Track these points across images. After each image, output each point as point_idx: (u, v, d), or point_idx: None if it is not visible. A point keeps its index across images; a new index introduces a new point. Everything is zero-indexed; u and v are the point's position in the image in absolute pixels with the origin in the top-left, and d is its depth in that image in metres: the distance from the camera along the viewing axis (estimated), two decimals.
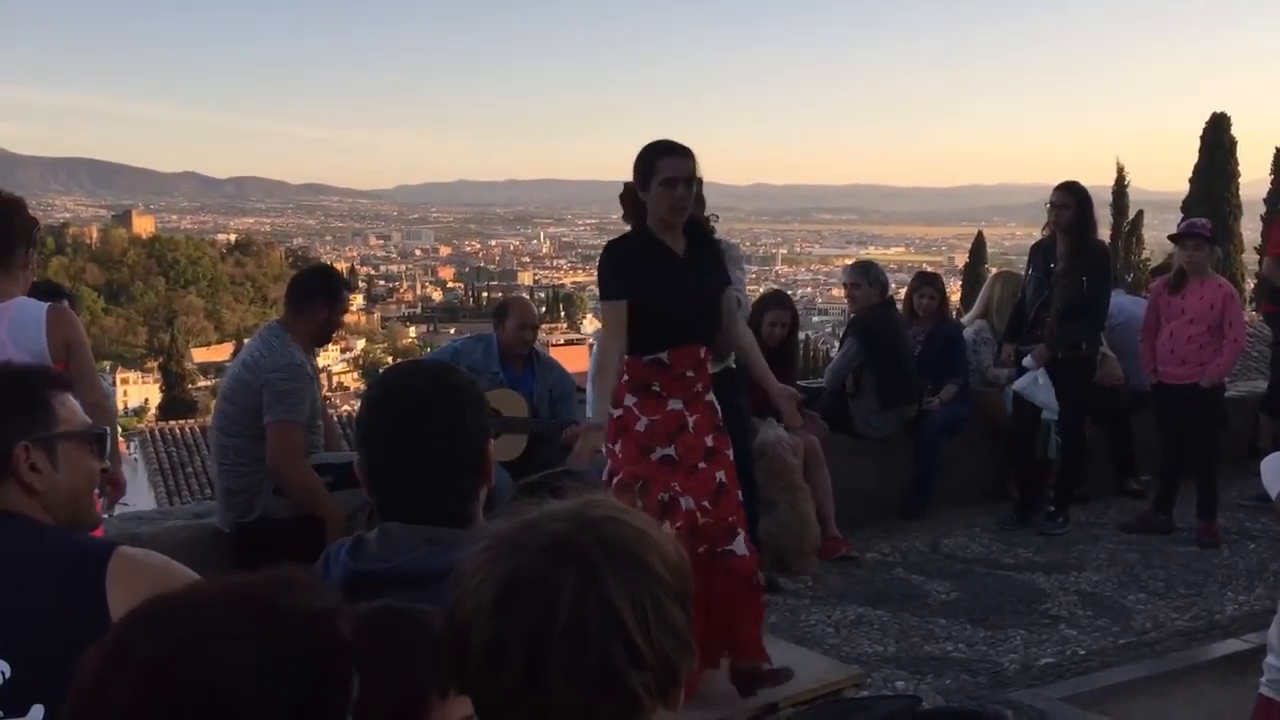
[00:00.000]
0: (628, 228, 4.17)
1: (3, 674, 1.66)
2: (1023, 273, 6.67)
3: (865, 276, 6.55)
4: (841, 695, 4.03)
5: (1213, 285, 6.14)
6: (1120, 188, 35.65)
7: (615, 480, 3.98)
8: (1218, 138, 31.15)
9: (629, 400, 4.02)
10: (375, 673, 1.01)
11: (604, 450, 4.10)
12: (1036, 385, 6.14)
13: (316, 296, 4.46)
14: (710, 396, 4.11)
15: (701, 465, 3.99)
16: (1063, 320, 6.06)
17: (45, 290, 4.61)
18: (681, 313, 3.98)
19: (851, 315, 6.77)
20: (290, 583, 0.99)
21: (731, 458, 4.12)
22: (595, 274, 4.29)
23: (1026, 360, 6.11)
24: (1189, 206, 30.62)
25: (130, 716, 0.89)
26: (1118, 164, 36.05)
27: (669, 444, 3.97)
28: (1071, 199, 6.06)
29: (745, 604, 3.99)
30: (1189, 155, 31.59)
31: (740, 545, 3.97)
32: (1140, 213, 35.59)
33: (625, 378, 4.06)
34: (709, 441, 4.03)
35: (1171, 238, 6.41)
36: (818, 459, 5.89)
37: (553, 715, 1.02)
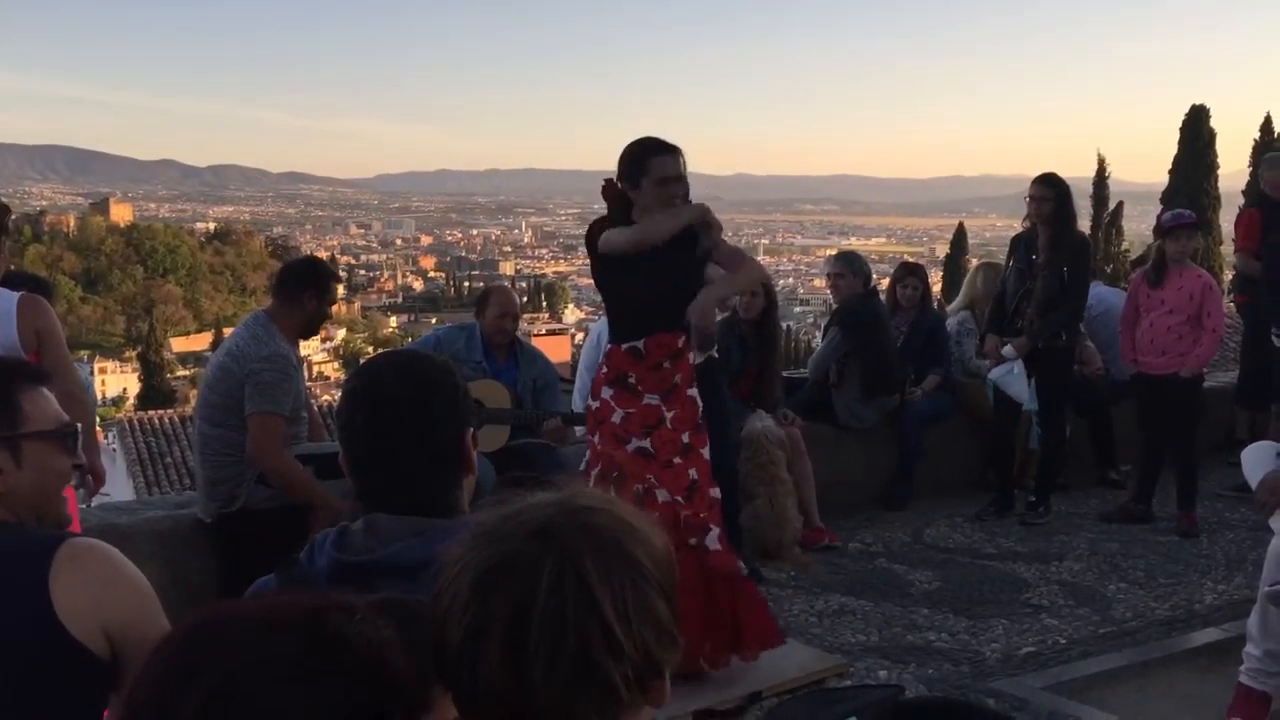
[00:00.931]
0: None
1: None
2: (1002, 262, 6.70)
3: (849, 267, 6.57)
4: (825, 685, 4.04)
5: (1192, 276, 6.17)
6: (1101, 179, 35.82)
7: (595, 472, 3.99)
8: (1197, 130, 31.28)
9: (605, 393, 4.04)
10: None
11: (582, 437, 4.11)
12: (1012, 375, 6.17)
13: (305, 287, 4.41)
14: (692, 391, 4.11)
15: (677, 460, 4.01)
16: (1044, 311, 6.08)
17: (24, 283, 4.56)
18: (657, 300, 3.99)
19: (835, 306, 6.78)
20: (348, 610, 1.02)
21: (706, 456, 4.12)
22: (577, 264, 4.34)
23: (1006, 350, 6.14)
24: (1168, 198, 30.73)
25: None
26: (1098, 156, 36.24)
27: (645, 437, 3.99)
28: (1051, 192, 6.08)
29: (746, 596, 4.04)
30: (1169, 147, 31.74)
31: (713, 540, 3.99)
32: (1120, 204, 35.77)
33: (604, 369, 4.08)
34: (685, 438, 4.04)
35: (1160, 231, 6.30)
36: (799, 449, 5.90)
37: (532, 705, 1.00)
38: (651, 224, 3.90)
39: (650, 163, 3.93)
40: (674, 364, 4.04)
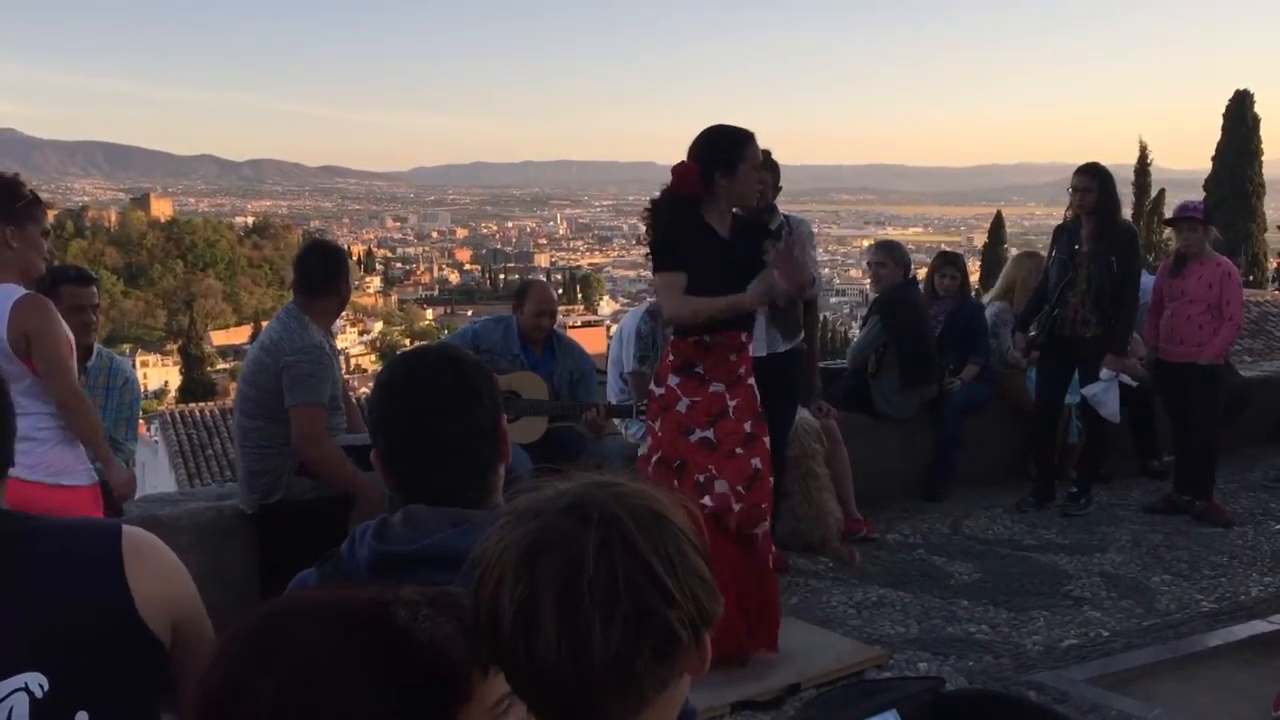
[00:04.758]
0: (642, 208, 4.23)
1: (41, 686, 1.53)
2: (1044, 252, 6.64)
3: (891, 256, 6.53)
4: (864, 676, 4.03)
5: (1211, 265, 6.19)
6: (1143, 166, 35.25)
7: (655, 459, 4.02)
8: (1241, 115, 30.78)
9: (672, 380, 4.08)
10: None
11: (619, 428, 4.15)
12: (1109, 394, 6.04)
13: (326, 279, 4.42)
14: (752, 381, 4.16)
15: (739, 450, 4.04)
16: (1088, 302, 6.01)
17: (73, 275, 4.61)
18: (721, 290, 4.00)
19: (874, 295, 6.74)
20: (411, 605, 1.06)
21: (768, 445, 4.17)
22: (612, 256, 4.38)
23: (1104, 373, 6.02)
24: (1211, 185, 30.29)
25: (272, 716, 0.96)
26: (1140, 142, 35.65)
27: (709, 426, 4.03)
28: (1093, 182, 6.03)
29: (770, 590, 4.09)
30: (1212, 133, 31.26)
31: (760, 531, 4.07)
32: (1162, 191, 35.23)
33: (669, 358, 4.11)
34: (748, 427, 4.08)
35: (1165, 222, 6.52)
36: (835, 439, 5.87)
37: (592, 667, 1.02)
38: (708, 309, 3.94)
39: (748, 149, 4.00)
40: (739, 357, 4.11)
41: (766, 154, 5.10)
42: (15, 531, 1.62)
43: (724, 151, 3.97)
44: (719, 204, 4.02)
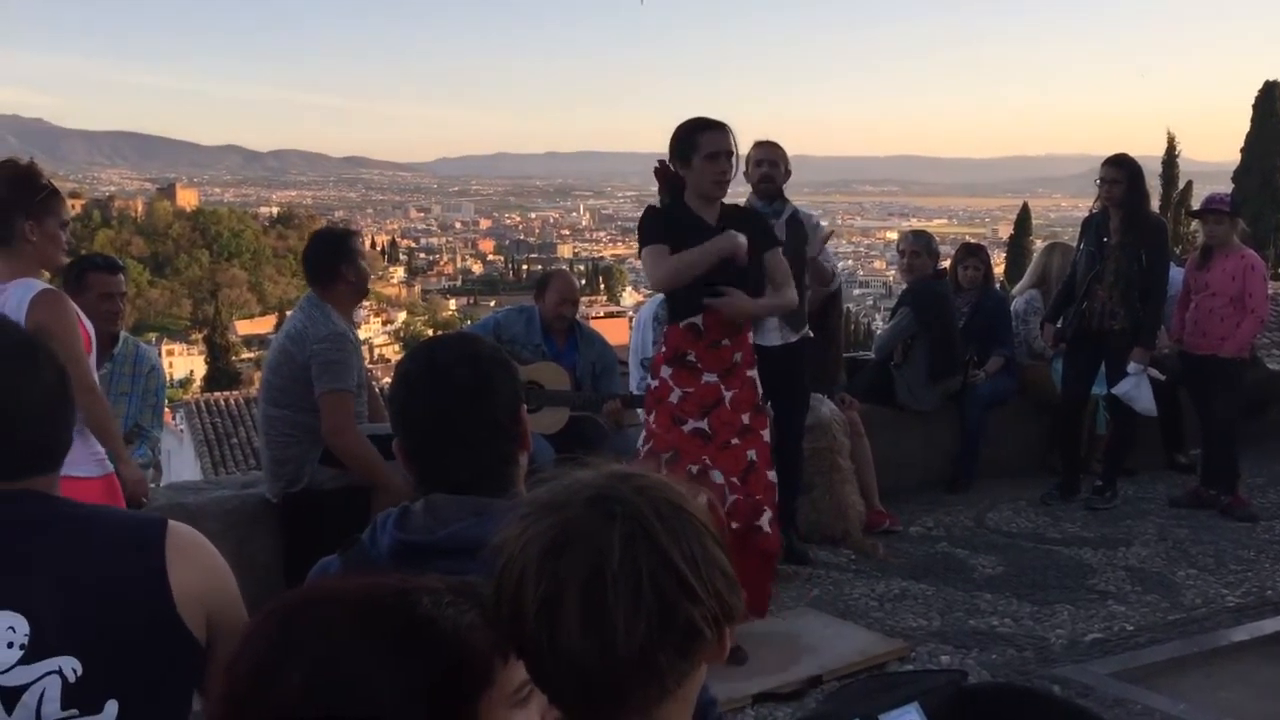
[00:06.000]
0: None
1: (74, 671, 1.55)
2: (1072, 244, 6.60)
3: (926, 246, 6.52)
4: (886, 668, 4.02)
5: (1236, 257, 6.15)
6: (1170, 158, 34.97)
7: (646, 449, 4.02)
8: (1270, 106, 30.47)
9: (665, 372, 4.07)
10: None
11: (641, 420, 4.17)
12: (1139, 390, 6.00)
13: (336, 264, 4.39)
14: (752, 373, 4.12)
15: (734, 441, 4.02)
16: (1116, 293, 5.97)
17: (100, 263, 4.64)
18: (712, 277, 3.99)
19: (904, 284, 6.71)
20: (435, 593, 1.06)
21: (766, 438, 4.12)
22: (636, 247, 4.38)
23: (1131, 367, 5.98)
24: (1240, 177, 29.99)
25: (296, 708, 0.97)
26: (1168, 134, 35.36)
27: (702, 417, 4.00)
28: (1121, 173, 5.99)
29: (763, 581, 4.06)
30: (1241, 125, 30.96)
31: (766, 523, 4.01)
32: (1189, 183, 34.90)
33: (663, 348, 4.10)
34: (745, 419, 4.05)
35: (1191, 213, 6.48)
36: (858, 431, 5.86)
37: (615, 659, 1.02)
38: (686, 260, 3.95)
39: (701, 139, 3.99)
40: (734, 342, 4.06)
41: (770, 143, 5.17)
42: (65, 516, 1.64)
43: (678, 146, 4.04)
44: (694, 195, 4.06)
